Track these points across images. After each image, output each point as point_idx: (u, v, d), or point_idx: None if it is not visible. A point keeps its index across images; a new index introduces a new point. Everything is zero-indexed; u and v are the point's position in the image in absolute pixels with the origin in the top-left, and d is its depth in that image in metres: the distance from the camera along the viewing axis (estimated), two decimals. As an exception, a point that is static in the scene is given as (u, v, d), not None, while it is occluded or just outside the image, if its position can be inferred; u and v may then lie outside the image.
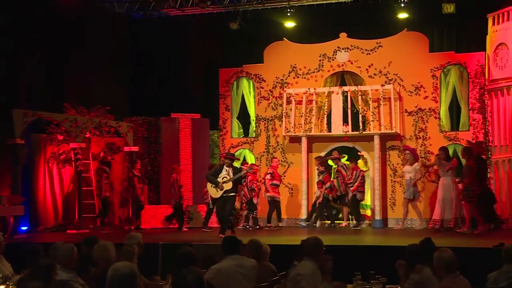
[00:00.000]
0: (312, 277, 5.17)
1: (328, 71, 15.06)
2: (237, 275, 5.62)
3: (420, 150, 13.95)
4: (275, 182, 13.77)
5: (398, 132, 14.10)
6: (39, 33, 13.45)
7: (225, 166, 11.23)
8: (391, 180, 14.20)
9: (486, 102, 13.67)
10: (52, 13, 13.64)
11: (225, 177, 11.07)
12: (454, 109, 14.34)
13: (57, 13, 13.67)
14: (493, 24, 13.29)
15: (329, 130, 14.39)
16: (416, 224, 13.22)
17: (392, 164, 14.20)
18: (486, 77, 13.60)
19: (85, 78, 14.43)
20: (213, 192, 11.26)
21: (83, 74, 14.42)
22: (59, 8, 13.61)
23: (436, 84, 14.24)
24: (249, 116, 15.76)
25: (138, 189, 13.78)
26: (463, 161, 12.16)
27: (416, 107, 14.30)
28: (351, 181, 13.36)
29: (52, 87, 13.83)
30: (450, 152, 13.30)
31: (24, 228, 12.65)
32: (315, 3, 14.88)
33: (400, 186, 13.91)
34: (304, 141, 14.48)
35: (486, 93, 13.66)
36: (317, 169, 13.94)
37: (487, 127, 13.61)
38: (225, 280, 5.48)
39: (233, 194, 11.25)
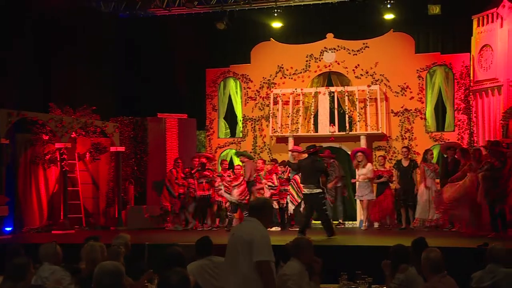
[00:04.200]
0: (299, 277, 5.18)
1: (315, 71, 15.10)
2: (209, 275, 5.76)
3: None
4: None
5: (384, 132, 14.16)
6: (24, 33, 13.35)
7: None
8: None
9: (471, 103, 13.78)
10: (37, 13, 13.53)
11: None
12: (440, 110, 14.44)
13: (43, 13, 13.56)
14: (478, 25, 13.40)
15: (316, 130, 14.43)
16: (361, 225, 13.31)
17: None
18: (471, 78, 13.71)
19: (70, 78, 14.32)
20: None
21: (69, 74, 14.31)
22: (45, 8, 13.51)
23: (422, 85, 14.33)
24: (236, 116, 15.75)
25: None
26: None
27: (402, 107, 14.38)
28: None
29: (38, 87, 13.73)
30: (435, 153, 13.42)
31: (8, 229, 12.53)
32: (302, 3, 14.91)
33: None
34: (291, 141, 14.50)
35: (471, 94, 13.77)
36: None
37: (472, 127, 13.71)
38: (198, 279, 5.56)
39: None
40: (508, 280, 5.38)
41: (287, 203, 12.91)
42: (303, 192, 11.14)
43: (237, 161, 15.15)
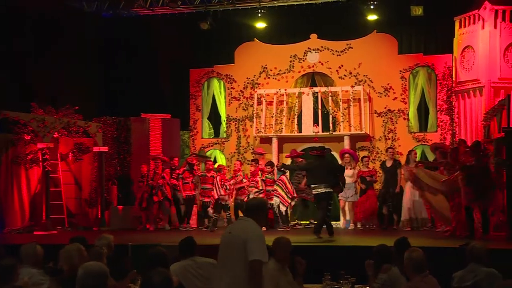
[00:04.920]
0: (272, 277, 5.18)
1: (299, 72, 15.13)
2: (192, 275, 5.75)
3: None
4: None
5: (368, 133, 14.23)
6: (5, 33, 13.22)
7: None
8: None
9: (453, 104, 13.89)
10: (20, 12, 13.41)
11: None
12: (423, 111, 14.54)
13: (25, 12, 13.45)
14: (460, 27, 13.51)
15: (300, 130, 14.47)
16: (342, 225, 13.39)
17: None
18: (453, 79, 13.82)
19: (53, 77, 14.21)
20: None
21: (52, 74, 14.20)
22: (28, 7, 13.39)
23: (405, 85, 14.42)
24: (219, 116, 15.73)
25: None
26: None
27: (385, 108, 14.46)
28: None
29: (19, 87, 13.60)
30: (418, 153, 13.50)
31: (-11, 229, 12.44)
32: (285, 4, 14.93)
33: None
34: (274, 141, 14.51)
35: (453, 94, 13.88)
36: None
37: (454, 128, 13.83)
38: (181, 279, 5.54)
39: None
40: (489, 280, 5.43)
41: (277, 203, 12.95)
42: (314, 192, 10.84)
43: (221, 161, 15.16)
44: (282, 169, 12.65)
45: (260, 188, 13.05)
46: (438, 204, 11.27)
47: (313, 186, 10.85)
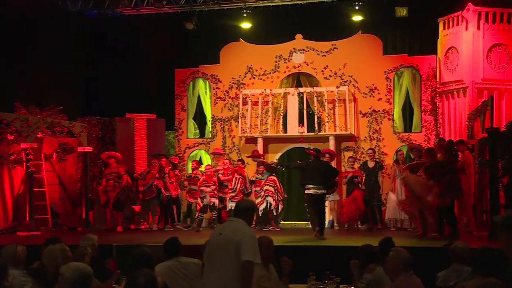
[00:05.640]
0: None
1: (284, 72, 15.14)
2: (177, 276, 5.76)
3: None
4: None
5: (353, 133, 14.28)
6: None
7: None
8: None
9: (437, 104, 13.99)
10: (2, 12, 13.29)
11: None
12: (407, 111, 14.62)
13: (9, 11, 13.32)
14: (444, 28, 13.61)
15: (285, 131, 14.49)
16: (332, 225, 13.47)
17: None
18: (438, 79, 13.92)
19: (37, 77, 14.11)
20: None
21: (36, 73, 14.10)
22: (11, 6, 13.28)
23: (390, 86, 14.49)
24: (205, 116, 15.70)
25: None
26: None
27: (370, 108, 14.52)
28: None
29: (2, 86, 13.48)
30: (404, 152, 13.58)
31: (-28, 230, 12.31)
32: (271, 4, 14.95)
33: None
34: (260, 142, 14.52)
35: (437, 95, 13.97)
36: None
37: (438, 128, 13.92)
38: (166, 280, 5.55)
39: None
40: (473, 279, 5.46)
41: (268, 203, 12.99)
42: (308, 192, 11.00)
43: (206, 161, 15.14)
44: (279, 167, 12.73)
45: (233, 187, 13.09)
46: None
47: (308, 185, 10.98)
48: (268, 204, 12.94)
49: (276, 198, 12.92)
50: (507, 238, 4.02)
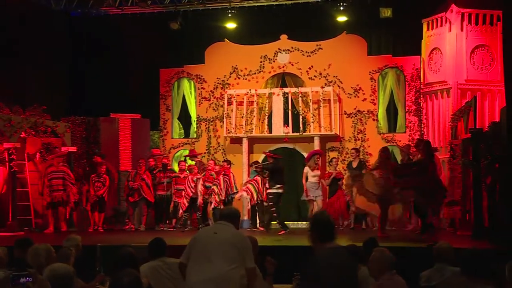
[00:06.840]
0: None
1: (269, 72, 15.17)
2: (162, 276, 5.77)
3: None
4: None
5: (338, 133, 14.33)
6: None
7: None
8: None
9: (421, 105, 14.09)
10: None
11: None
12: (392, 112, 14.71)
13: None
14: (428, 29, 13.71)
15: (270, 131, 14.50)
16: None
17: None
18: (422, 80, 14.02)
19: (20, 76, 13.98)
20: None
21: (19, 73, 13.97)
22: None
23: (374, 86, 14.56)
24: (190, 116, 15.68)
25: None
26: None
27: (355, 109, 14.58)
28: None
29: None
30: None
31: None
32: (256, 4, 14.96)
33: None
34: (245, 142, 14.53)
35: (421, 96, 14.07)
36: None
37: (422, 129, 14.02)
38: (151, 280, 5.56)
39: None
40: (456, 279, 5.51)
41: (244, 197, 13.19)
42: (278, 192, 12.22)
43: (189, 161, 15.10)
44: (254, 167, 13.21)
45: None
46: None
47: (277, 186, 12.15)
48: (243, 198, 13.18)
49: (254, 198, 12.90)
50: None
